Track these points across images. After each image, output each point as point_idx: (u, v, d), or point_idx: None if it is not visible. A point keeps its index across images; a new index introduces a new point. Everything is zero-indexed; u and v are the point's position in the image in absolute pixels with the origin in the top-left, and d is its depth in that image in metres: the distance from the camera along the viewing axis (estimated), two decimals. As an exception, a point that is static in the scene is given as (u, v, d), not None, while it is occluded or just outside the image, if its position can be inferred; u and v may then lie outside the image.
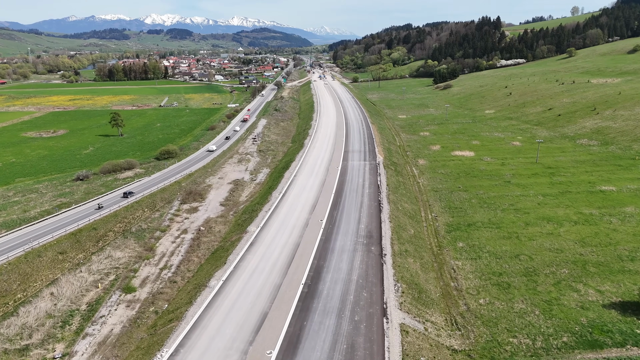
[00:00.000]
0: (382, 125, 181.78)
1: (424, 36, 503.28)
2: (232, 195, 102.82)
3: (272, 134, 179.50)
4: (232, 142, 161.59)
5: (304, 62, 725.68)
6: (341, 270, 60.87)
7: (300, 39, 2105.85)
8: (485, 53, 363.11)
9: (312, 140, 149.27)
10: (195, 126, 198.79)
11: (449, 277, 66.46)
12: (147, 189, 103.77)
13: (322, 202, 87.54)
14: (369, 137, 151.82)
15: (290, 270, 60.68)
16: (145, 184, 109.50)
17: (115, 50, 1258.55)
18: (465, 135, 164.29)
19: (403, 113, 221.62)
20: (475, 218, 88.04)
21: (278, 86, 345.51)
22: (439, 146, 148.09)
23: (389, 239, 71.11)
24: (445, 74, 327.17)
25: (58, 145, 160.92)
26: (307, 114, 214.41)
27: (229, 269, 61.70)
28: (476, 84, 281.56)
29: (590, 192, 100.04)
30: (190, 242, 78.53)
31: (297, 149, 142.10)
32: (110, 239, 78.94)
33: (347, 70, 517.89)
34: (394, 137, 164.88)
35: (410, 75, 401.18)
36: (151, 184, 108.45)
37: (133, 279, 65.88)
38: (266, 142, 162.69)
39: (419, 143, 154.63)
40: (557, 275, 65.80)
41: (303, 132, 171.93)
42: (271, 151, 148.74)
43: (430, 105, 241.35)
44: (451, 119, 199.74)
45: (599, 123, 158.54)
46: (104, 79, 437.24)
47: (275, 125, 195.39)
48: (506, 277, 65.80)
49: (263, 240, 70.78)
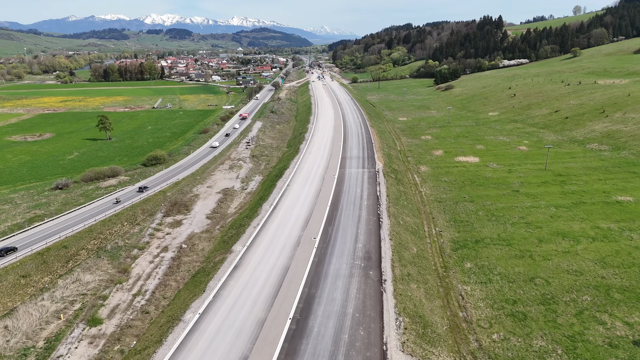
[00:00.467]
0: (381, 129, 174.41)
1: (424, 36, 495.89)
2: (220, 207, 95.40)
3: (267, 137, 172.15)
4: (224, 147, 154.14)
5: (303, 62, 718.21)
6: (335, 301, 53.49)
7: (300, 39, 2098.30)
8: (488, 53, 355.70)
9: (308, 144, 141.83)
10: (187, 129, 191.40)
11: (457, 305, 59.09)
12: (129, 200, 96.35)
13: (316, 216, 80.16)
14: (368, 141, 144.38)
15: (277, 301, 53.31)
16: (127, 193, 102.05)
17: (114, 50, 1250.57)
18: (468, 139, 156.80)
19: (403, 115, 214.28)
20: (483, 233, 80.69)
21: (275, 87, 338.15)
22: (441, 151, 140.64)
23: (389, 261, 63.73)
24: (447, 74, 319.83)
25: (41, 150, 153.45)
26: (304, 117, 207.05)
27: (208, 299, 54.33)
28: (478, 85, 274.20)
29: (606, 203, 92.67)
30: (170, 262, 71.11)
31: (292, 154, 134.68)
32: (82, 258, 71.58)
33: (347, 71, 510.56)
34: (394, 141, 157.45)
35: (410, 75, 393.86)
36: (133, 194, 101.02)
37: (101, 308, 58.46)
38: (260, 146, 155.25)
39: (421, 148, 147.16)
40: (578, 304, 58.44)
41: (299, 135, 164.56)
42: (265, 156, 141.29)
43: (431, 107, 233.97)
44: (453, 121, 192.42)
45: (609, 126, 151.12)
46: (99, 79, 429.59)
47: (271, 129, 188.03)
48: (521, 305, 58.43)
49: (249, 263, 63.39)
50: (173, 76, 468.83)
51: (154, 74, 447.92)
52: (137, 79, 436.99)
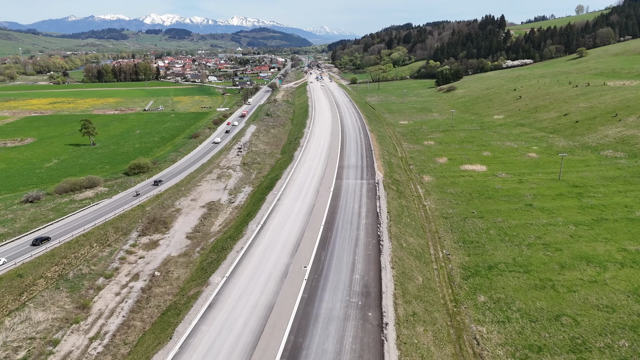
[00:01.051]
0: (381, 133, 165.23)
1: (425, 36, 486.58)
2: (202, 224, 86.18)
3: (261, 142, 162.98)
4: (214, 154, 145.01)
5: (302, 63, 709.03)
6: (326, 354, 44.26)
7: (300, 39, 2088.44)
8: (490, 53, 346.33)
9: (303, 151, 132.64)
10: (178, 133, 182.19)
11: (472, 353, 49.93)
12: (101, 217, 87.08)
13: (308, 238, 70.97)
14: (367, 148, 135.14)
15: (255, 355, 44.10)
16: (101, 208, 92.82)
17: (112, 50, 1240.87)
18: (474, 144, 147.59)
19: (404, 118, 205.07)
20: (496, 257, 71.53)
21: (272, 88, 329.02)
22: (445, 158, 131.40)
23: (391, 297, 54.55)
24: (449, 75, 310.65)
25: (20, 157, 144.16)
26: (300, 120, 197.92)
27: (174, 350, 45.13)
28: (482, 86, 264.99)
29: (629, 220, 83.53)
30: (139, 294, 61.89)
31: (285, 162, 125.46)
32: (39, 289, 62.34)
33: (346, 71, 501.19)
34: (395, 147, 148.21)
35: (411, 76, 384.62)
36: (108, 209, 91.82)
37: (49, 358, 49.23)
38: (252, 152, 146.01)
39: (423, 154, 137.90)
40: (615, 351, 49.32)
41: (294, 141, 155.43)
42: (257, 164, 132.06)
43: (433, 110, 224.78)
44: (457, 125, 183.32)
45: (623, 131, 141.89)
46: (92, 80, 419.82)
47: (265, 133, 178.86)
48: (548, 354, 49.27)
49: (227, 300, 54.17)
50: (169, 77, 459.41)
51: (149, 75, 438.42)
52: (131, 79, 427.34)
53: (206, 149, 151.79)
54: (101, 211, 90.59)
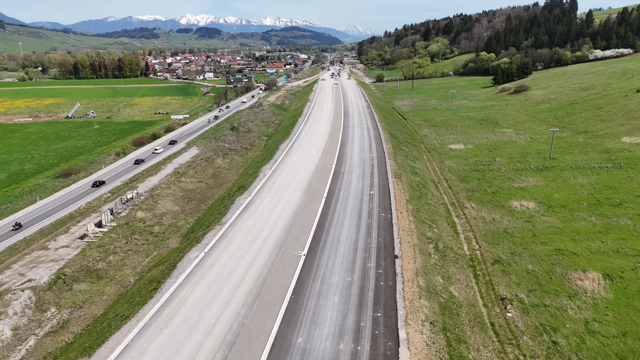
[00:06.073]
0: (417, 179, 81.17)
1: (471, 24, 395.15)
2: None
3: (178, 190, 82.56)
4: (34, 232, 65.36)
5: (325, 59, 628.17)
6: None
7: (331, 38, 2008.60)
8: (569, 40, 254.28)
9: (228, 230, 50.83)
10: (59, 162, 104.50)
11: None
12: None
13: None
14: (388, 229, 51.78)
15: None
16: None
17: (139, 49, 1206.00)
18: (627, 209, 61.87)
19: (457, 138, 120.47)
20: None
21: (270, 87, 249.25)
22: (595, 274, 46.73)
23: None
24: (512, 70, 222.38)
25: None
26: (276, 140, 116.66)
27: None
28: (572, 85, 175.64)
29: None
30: None
31: (165, 271, 44.13)
32: None
33: (372, 67, 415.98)
34: (447, 217, 64.33)
35: (455, 72, 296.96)
36: None
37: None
38: (136, 222, 65.46)
39: (529, 253, 53.39)
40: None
41: (237, 191, 74.18)
42: (113, 267, 51.30)
43: (502, 122, 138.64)
44: (561, 155, 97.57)
45: None
46: (66, 76, 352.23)
47: (203, 166, 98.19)
48: None
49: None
50: (158, 73, 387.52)
51: (135, 71, 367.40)
52: (114, 75, 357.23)
53: (49, 206, 72.78)
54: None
